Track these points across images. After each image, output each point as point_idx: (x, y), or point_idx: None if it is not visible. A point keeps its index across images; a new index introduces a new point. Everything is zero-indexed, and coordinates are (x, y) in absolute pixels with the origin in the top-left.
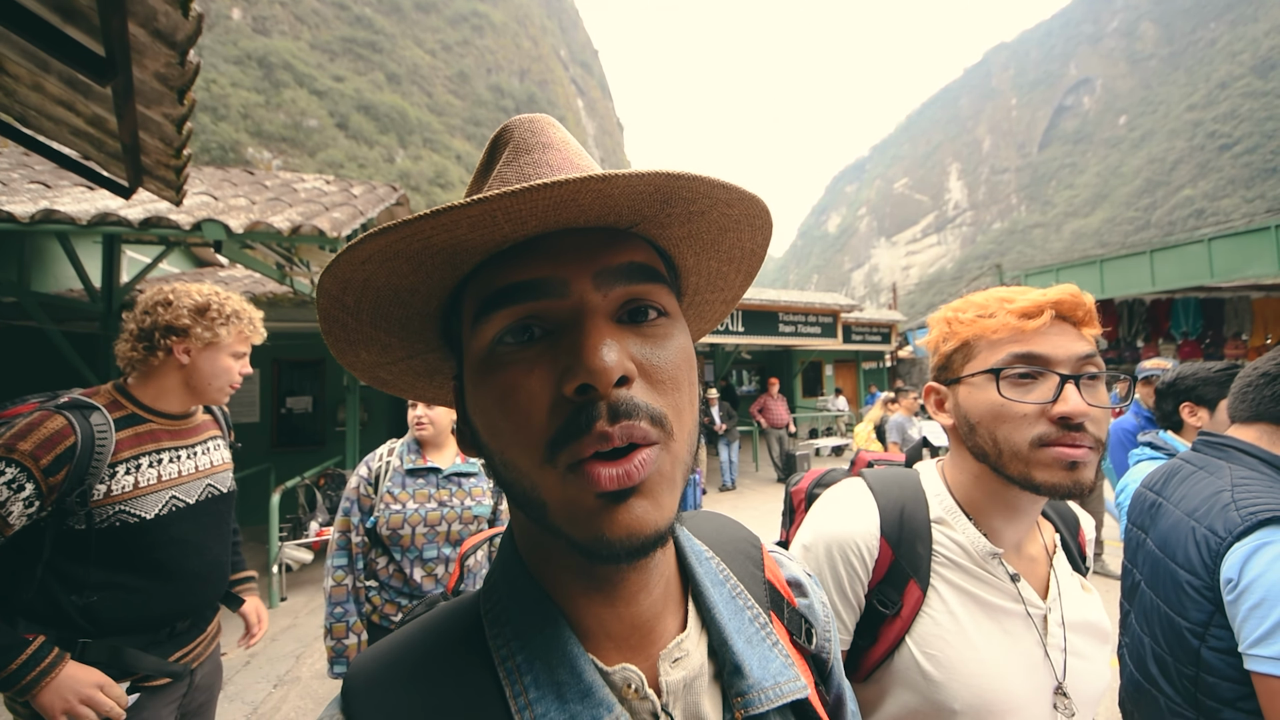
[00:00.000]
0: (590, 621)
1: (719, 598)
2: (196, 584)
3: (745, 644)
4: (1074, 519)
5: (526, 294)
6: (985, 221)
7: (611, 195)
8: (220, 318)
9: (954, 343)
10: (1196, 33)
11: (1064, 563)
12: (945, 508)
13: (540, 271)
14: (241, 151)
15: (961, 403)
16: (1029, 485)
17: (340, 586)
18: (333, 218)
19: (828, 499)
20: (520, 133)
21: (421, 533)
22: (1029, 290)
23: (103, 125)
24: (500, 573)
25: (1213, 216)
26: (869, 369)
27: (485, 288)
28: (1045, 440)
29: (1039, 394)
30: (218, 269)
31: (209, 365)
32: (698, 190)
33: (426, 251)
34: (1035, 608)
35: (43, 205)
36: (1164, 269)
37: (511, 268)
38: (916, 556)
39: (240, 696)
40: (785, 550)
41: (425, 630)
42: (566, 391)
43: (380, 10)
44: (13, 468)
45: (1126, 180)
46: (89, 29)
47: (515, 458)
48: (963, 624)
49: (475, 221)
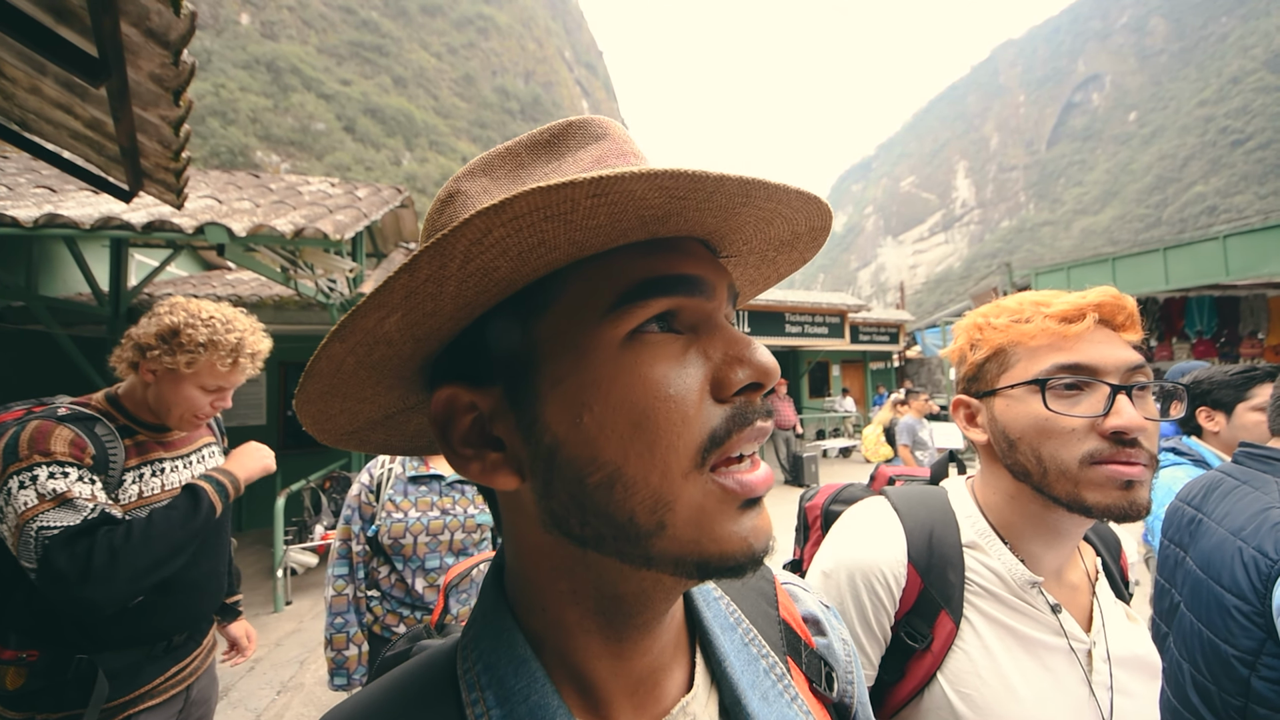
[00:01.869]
0: (596, 675)
1: (730, 647)
2: (194, 596)
3: (761, 701)
4: (1115, 541)
5: (681, 287)
6: (993, 220)
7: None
8: (188, 345)
9: (986, 351)
10: (1207, 27)
11: (1107, 590)
12: (978, 531)
13: (696, 269)
14: (250, 155)
15: (998, 417)
16: (1078, 507)
17: (341, 596)
18: (336, 220)
19: (849, 521)
20: (618, 133)
21: (424, 542)
22: (1063, 293)
23: (101, 128)
24: (482, 625)
25: (1225, 213)
26: (876, 369)
27: (624, 276)
28: (1097, 457)
29: (1087, 406)
30: (225, 272)
31: (169, 392)
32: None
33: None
34: (1079, 641)
35: (46, 210)
36: (1178, 267)
37: (660, 259)
38: (948, 585)
39: (244, 703)
40: (799, 578)
41: (397, 688)
42: (730, 388)
43: (387, 14)
44: (73, 467)
45: (1137, 177)
46: (81, 29)
47: (644, 469)
48: (1000, 660)
49: (672, 191)
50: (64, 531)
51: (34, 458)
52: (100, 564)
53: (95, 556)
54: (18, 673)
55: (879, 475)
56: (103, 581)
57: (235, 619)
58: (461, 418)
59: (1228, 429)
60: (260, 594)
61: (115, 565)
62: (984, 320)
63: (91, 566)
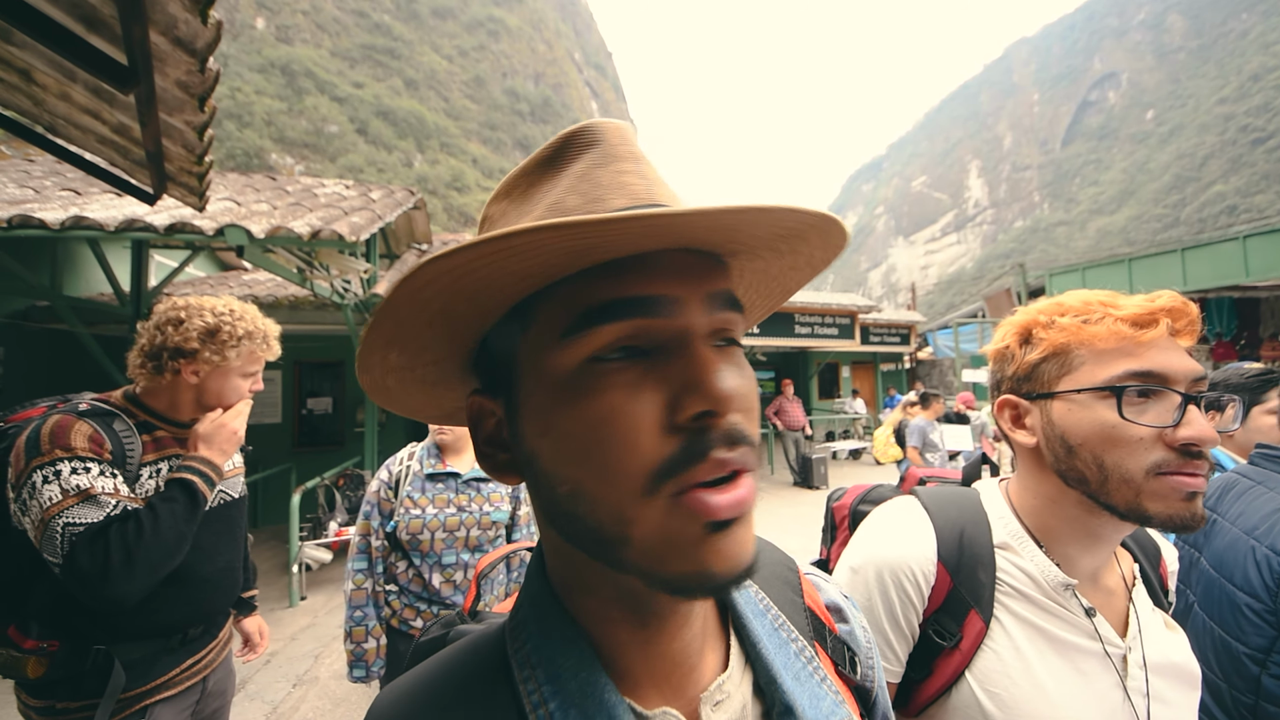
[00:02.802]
0: (629, 660)
1: (762, 631)
2: (209, 589)
3: (794, 681)
4: (1155, 549)
5: (636, 310)
6: (1007, 220)
7: (739, 227)
8: (231, 340)
9: (1043, 350)
10: (1227, 24)
11: (1144, 597)
12: (1010, 532)
13: (653, 288)
14: (265, 158)
15: (1057, 421)
16: (1136, 515)
17: (360, 590)
18: (351, 222)
19: (878, 518)
20: (611, 136)
21: (440, 538)
22: (1127, 295)
23: (127, 133)
24: (529, 607)
25: (1246, 213)
26: (887, 370)
27: (580, 299)
28: (1164, 468)
29: (1154, 415)
30: (241, 272)
31: (218, 386)
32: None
33: (549, 251)
34: (1114, 646)
35: (72, 212)
36: (1196, 267)
37: (616, 281)
38: (978, 584)
39: (260, 695)
40: (825, 571)
41: (449, 668)
42: (682, 417)
43: (399, 17)
44: (94, 463)
45: (1154, 176)
46: (111, 38)
47: (601, 490)
48: (1030, 661)
49: (641, 233)
50: (88, 529)
51: (55, 452)
52: (118, 561)
53: (113, 554)
54: (39, 662)
55: (909, 476)
56: (123, 579)
57: (250, 614)
58: (487, 420)
59: (1242, 432)
60: (276, 589)
61: (132, 562)
62: (1045, 318)
63: (110, 565)
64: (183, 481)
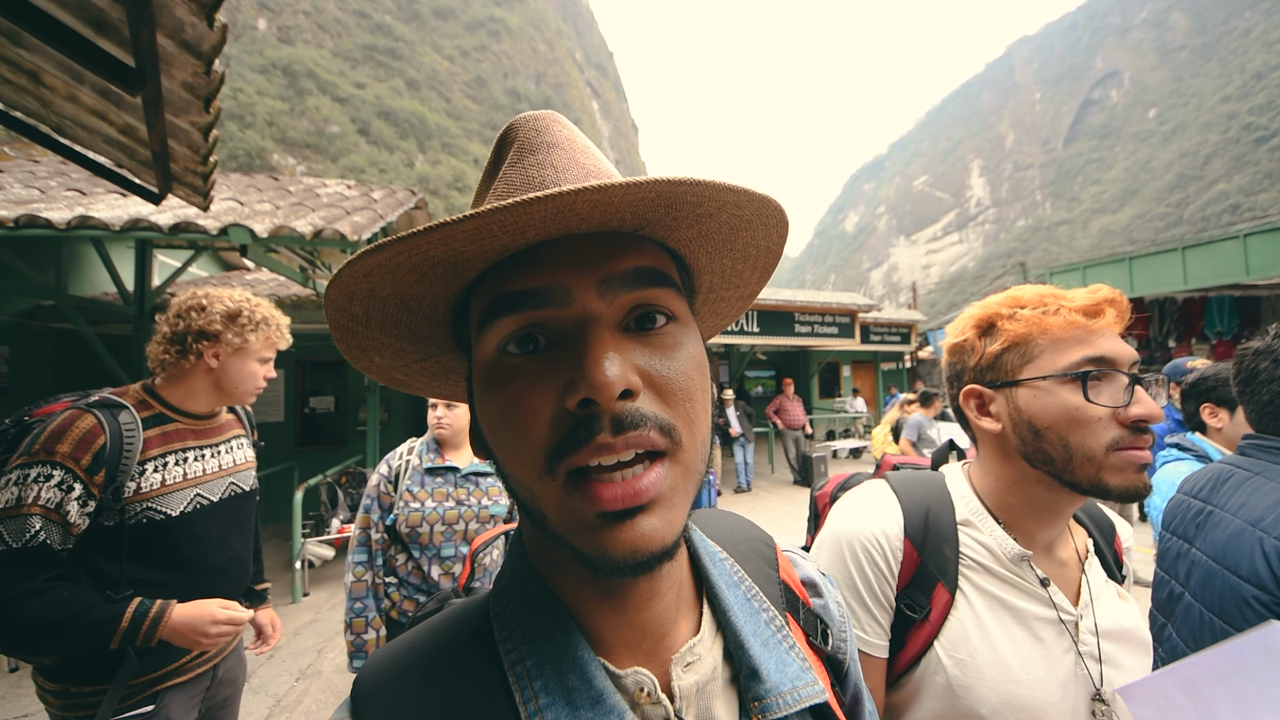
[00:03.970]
0: (600, 627)
1: (734, 600)
2: (219, 579)
3: (762, 647)
4: (1109, 525)
5: (528, 302)
6: (1009, 219)
7: (612, 203)
8: (251, 324)
9: (1004, 341)
10: (1230, 22)
11: (1097, 569)
12: (971, 510)
13: (541, 280)
14: (267, 158)
15: (1024, 407)
16: (1097, 489)
17: (360, 582)
18: (354, 221)
19: (849, 499)
20: (525, 132)
21: (440, 531)
22: (1070, 290)
23: (134, 134)
24: (509, 575)
25: (1249, 212)
26: (888, 370)
27: (488, 295)
28: (1120, 444)
29: (1108, 397)
30: (244, 272)
31: (237, 369)
32: (703, 194)
33: (428, 263)
34: (1067, 613)
35: (78, 212)
36: (1197, 266)
37: (514, 275)
38: (943, 559)
39: (264, 689)
40: (804, 552)
41: (435, 633)
42: (568, 405)
43: (400, 18)
44: (59, 470)
45: (1157, 175)
46: (120, 41)
47: (515, 468)
48: (990, 628)
49: (472, 235)
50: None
51: (40, 454)
52: None
53: None
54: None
55: (884, 463)
56: None
57: (262, 605)
58: None
59: (1230, 425)
60: (279, 585)
61: None
62: (1004, 311)
63: None
64: (127, 599)
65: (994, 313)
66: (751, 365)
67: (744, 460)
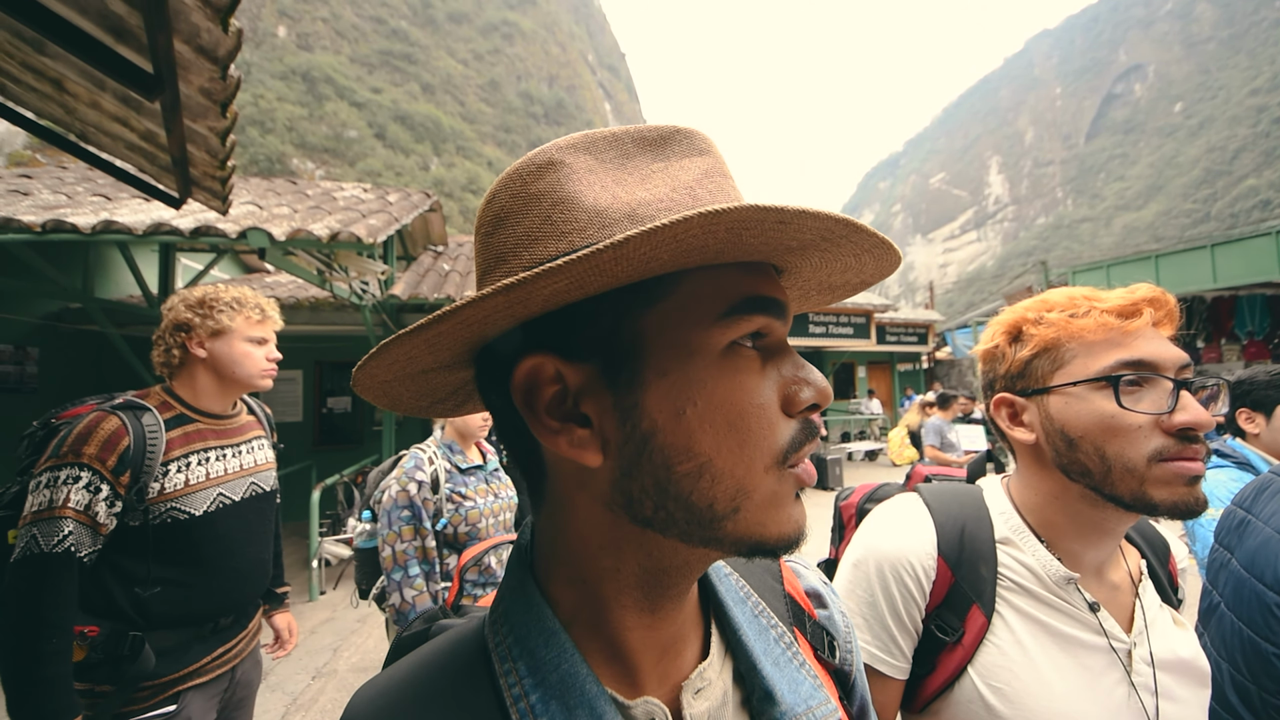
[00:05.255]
0: (633, 644)
1: (743, 617)
2: (240, 580)
3: (773, 667)
4: (1164, 545)
5: (772, 308)
6: (1029, 216)
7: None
8: (219, 305)
9: (1033, 347)
10: (1259, 13)
11: (1151, 593)
12: (1012, 527)
13: (779, 293)
14: (287, 163)
15: (1055, 416)
16: (1142, 505)
17: (423, 594)
18: (369, 224)
19: (879, 514)
20: (718, 153)
21: (493, 524)
22: (1106, 290)
23: (154, 140)
24: (511, 601)
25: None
26: (904, 370)
27: (732, 289)
28: (1165, 454)
29: (1150, 403)
30: (264, 275)
31: (225, 353)
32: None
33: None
34: (1119, 641)
35: (103, 216)
36: (1227, 264)
37: (756, 279)
38: (980, 579)
39: (280, 687)
40: (811, 567)
41: (428, 663)
42: (798, 408)
43: (415, 23)
44: (86, 471)
45: (1183, 171)
46: (138, 47)
47: (731, 464)
48: (1033, 656)
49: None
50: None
51: (68, 457)
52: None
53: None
54: (79, 646)
55: (915, 474)
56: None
57: (281, 608)
58: (546, 388)
59: (1267, 430)
60: (296, 584)
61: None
62: (1033, 315)
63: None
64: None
65: (1021, 317)
66: None
67: None
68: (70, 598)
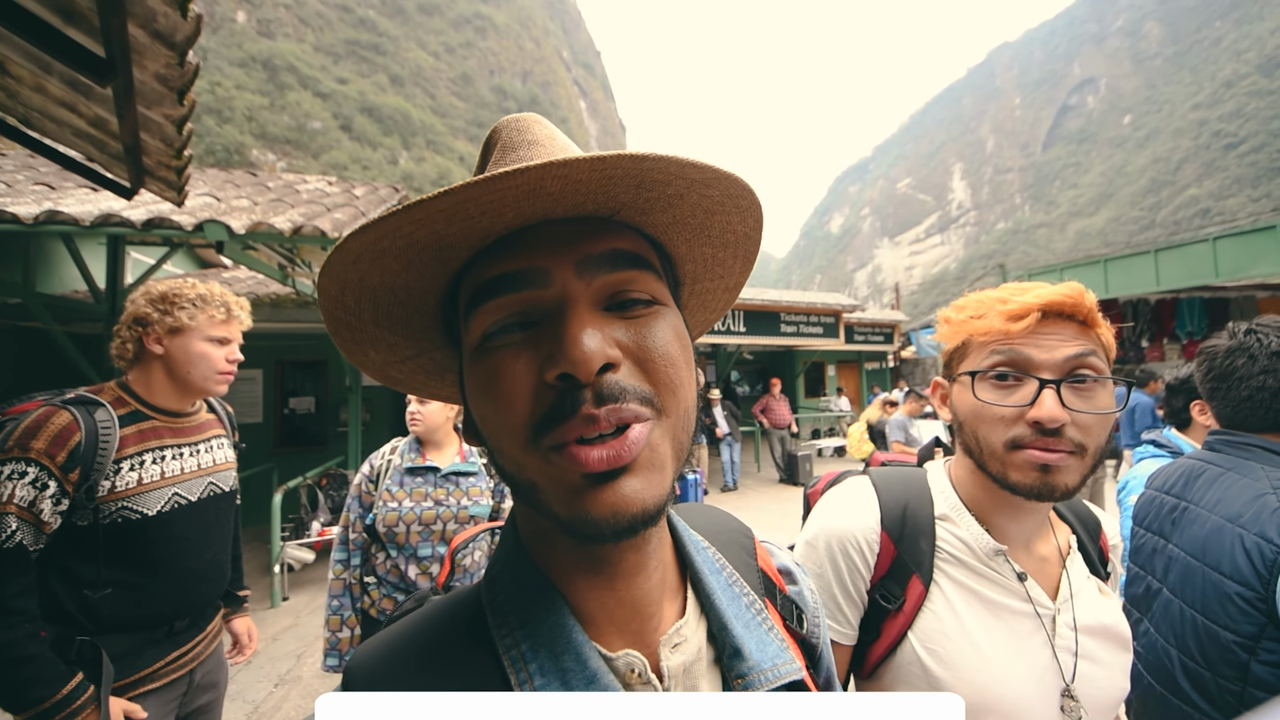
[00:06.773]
0: (592, 606)
1: (717, 584)
2: (196, 581)
3: (743, 628)
4: (1095, 522)
5: (511, 285)
6: (989, 221)
7: (579, 180)
8: (181, 301)
9: (954, 341)
10: (1201, 31)
11: (1079, 565)
12: (950, 505)
13: (522, 262)
14: (246, 154)
15: (954, 400)
16: (1005, 485)
17: (338, 580)
18: (334, 218)
19: (830, 496)
20: (508, 132)
21: (416, 531)
22: (1032, 288)
23: (104, 126)
24: (503, 562)
25: (1218, 216)
26: (872, 369)
27: (474, 282)
28: (1019, 442)
29: (1020, 397)
30: (222, 270)
31: (181, 351)
32: (669, 171)
33: (413, 248)
34: (1044, 608)
35: (46, 206)
36: (1169, 268)
37: (496, 261)
38: (919, 552)
39: (242, 695)
40: (784, 549)
41: (427, 621)
42: (548, 379)
43: (384, 13)
44: (34, 467)
45: (1131, 180)
46: (89, 30)
47: (501, 442)
48: (965, 620)
49: (450, 215)
50: None
51: (14, 451)
52: None
53: None
54: None
55: (873, 460)
56: None
57: (240, 612)
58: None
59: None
60: (258, 589)
61: None
62: (954, 313)
63: None
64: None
65: (950, 315)
66: (736, 366)
67: (730, 459)
68: (30, 587)
